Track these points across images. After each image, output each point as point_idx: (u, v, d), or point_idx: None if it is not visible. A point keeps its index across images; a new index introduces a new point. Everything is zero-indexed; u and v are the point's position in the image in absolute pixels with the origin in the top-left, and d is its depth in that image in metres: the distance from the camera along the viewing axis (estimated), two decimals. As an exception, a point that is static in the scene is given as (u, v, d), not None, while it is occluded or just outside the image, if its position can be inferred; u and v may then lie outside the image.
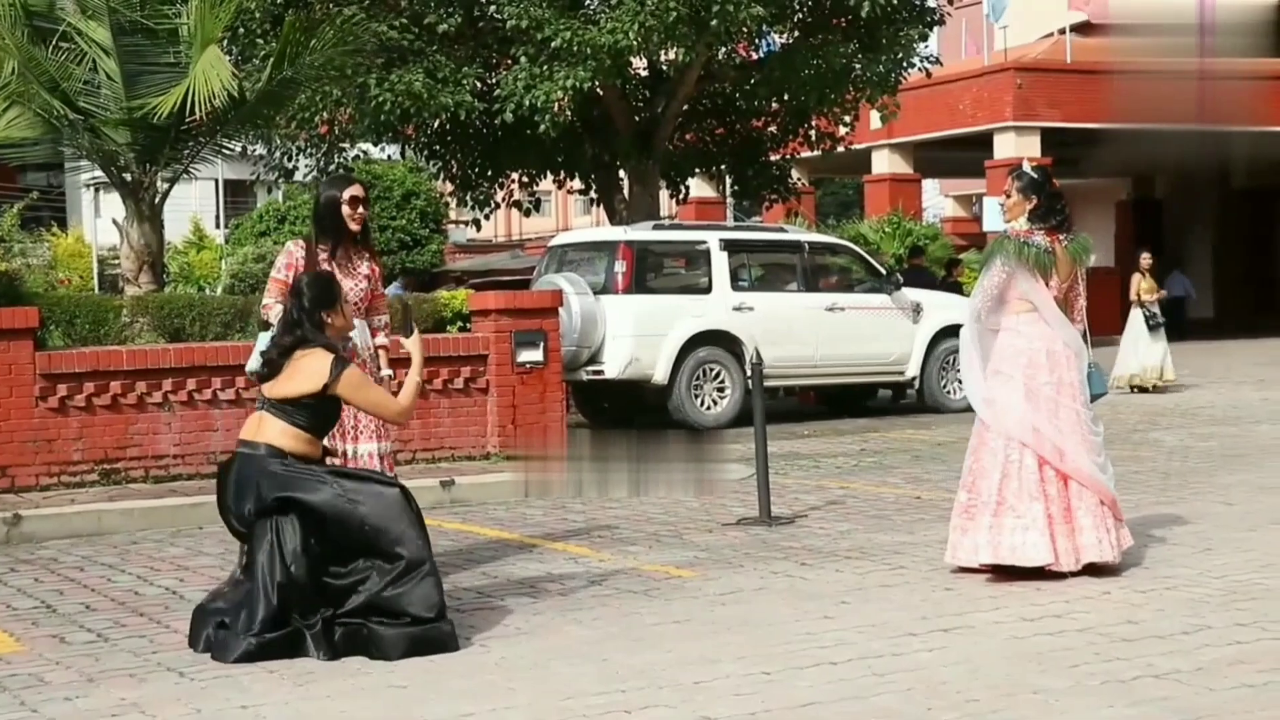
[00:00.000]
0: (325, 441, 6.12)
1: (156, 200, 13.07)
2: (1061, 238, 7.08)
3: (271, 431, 5.84)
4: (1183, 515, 8.51)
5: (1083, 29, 31.85)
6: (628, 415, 15.60)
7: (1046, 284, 6.99)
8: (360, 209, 6.85)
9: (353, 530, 5.65)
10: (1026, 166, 7.27)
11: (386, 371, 7.04)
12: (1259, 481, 9.96)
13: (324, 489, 5.70)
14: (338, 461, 6.39)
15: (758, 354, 9.40)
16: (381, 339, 7.09)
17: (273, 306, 6.69)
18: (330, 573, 5.67)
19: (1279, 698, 4.78)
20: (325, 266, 6.75)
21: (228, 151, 14.92)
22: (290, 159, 19.15)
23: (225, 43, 15.89)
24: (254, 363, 6.48)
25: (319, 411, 5.91)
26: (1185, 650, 5.41)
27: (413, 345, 6.31)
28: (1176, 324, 31.67)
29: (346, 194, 6.84)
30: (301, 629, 5.61)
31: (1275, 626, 5.72)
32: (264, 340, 6.47)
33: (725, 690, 5.04)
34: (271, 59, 13.42)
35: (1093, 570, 6.78)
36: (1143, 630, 5.75)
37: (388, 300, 7.42)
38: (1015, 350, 6.97)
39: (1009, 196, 7.14)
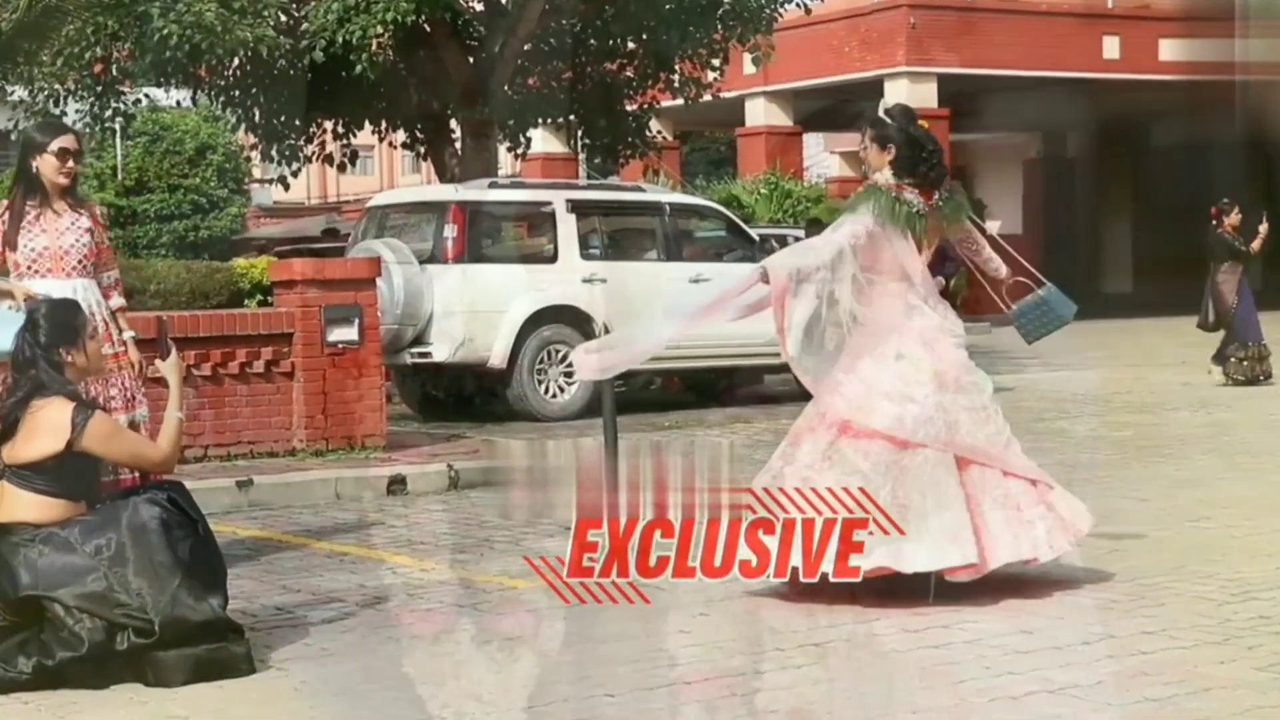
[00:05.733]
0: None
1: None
2: (935, 195, 6.95)
3: (20, 507, 5.60)
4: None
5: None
6: (461, 405, 15.58)
7: (919, 251, 6.91)
8: (70, 162, 7.05)
9: (127, 587, 5.52)
10: (881, 109, 7.20)
11: (130, 333, 7.13)
12: (1176, 475, 10.26)
13: (91, 574, 5.48)
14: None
15: (607, 331, 9.45)
16: (117, 299, 7.28)
17: None
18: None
19: (1184, 712, 4.95)
20: (31, 222, 6.99)
21: (-19, 93, 14.65)
22: (58, 104, 18.73)
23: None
24: None
25: (67, 473, 5.65)
26: (1084, 662, 5.57)
27: (169, 369, 6.02)
28: None
29: (55, 145, 7.03)
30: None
31: (1184, 635, 5.91)
32: None
33: (562, 715, 5.09)
34: (32, -17, 13.20)
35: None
36: (1038, 641, 5.90)
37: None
38: (911, 328, 6.83)
39: (865, 147, 7.01)
